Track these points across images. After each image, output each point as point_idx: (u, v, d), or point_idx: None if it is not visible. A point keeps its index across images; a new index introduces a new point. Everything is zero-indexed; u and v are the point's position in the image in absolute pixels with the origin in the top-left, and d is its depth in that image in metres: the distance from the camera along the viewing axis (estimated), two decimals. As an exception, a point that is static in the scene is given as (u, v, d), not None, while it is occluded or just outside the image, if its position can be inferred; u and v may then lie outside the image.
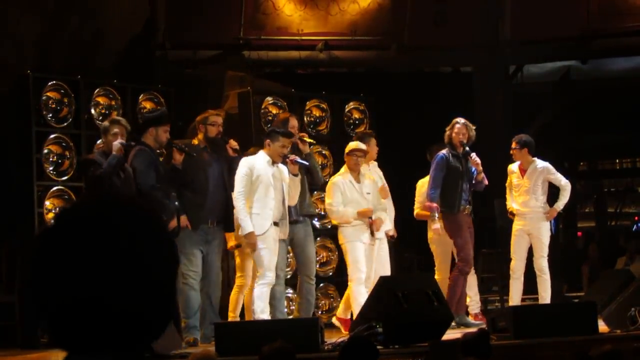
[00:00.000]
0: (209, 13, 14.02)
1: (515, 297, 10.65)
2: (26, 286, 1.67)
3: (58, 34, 11.71)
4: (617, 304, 8.94)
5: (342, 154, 11.04)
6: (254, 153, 9.32)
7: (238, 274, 10.05)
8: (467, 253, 10.30)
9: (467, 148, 10.34)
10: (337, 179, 9.99)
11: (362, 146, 9.97)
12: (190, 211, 9.22)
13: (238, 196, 8.97)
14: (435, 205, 10.21)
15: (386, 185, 10.43)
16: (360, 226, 9.79)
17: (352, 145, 10.02)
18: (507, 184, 10.83)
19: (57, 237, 1.64)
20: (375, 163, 10.65)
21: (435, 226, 10.23)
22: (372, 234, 9.82)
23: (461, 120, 10.40)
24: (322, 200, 11.82)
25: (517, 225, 10.78)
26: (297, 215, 9.60)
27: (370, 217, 9.78)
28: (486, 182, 10.51)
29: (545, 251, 10.64)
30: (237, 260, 10.09)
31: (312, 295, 9.67)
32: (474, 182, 10.42)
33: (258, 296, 8.90)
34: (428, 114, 13.93)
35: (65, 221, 1.66)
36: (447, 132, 10.41)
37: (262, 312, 8.86)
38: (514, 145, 10.69)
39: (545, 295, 10.57)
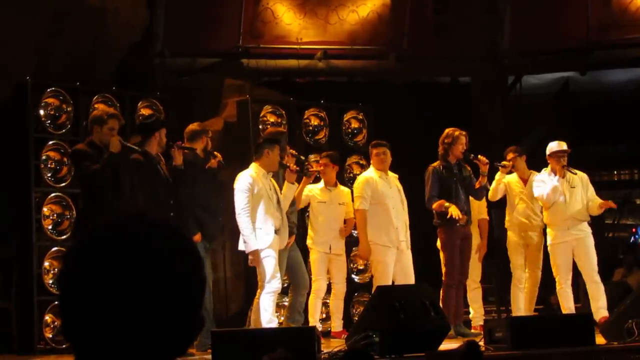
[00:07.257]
0: (208, 21, 14.01)
1: (520, 307, 10.72)
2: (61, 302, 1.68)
3: (57, 40, 11.70)
4: (615, 316, 8.94)
5: (340, 162, 11.02)
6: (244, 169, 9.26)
7: (313, 278, 10.05)
8: (452, 267, 10.17)
9: (472, 155, 10.24)
10: None
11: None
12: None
13: (242, 212, 8.88)
14: (441, 200, 10.02)
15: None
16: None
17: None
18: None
19: (89, 257, 1.65)
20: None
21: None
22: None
23: (463, 132, 10.28)
24: None
25: (514, 237, 10.80)
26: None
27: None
28: (488, 186, 10.47)
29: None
30: (312, 264, 10.17)
31: (302, 308, 9.63)
32: (476, 188, 10.30)
33: (264, 308, 8.84)
34: (426, 124, 13.92)
35: (99, 242, 1.68)
36: (445, 145, 10.23)
37: (269, 322, 8.81)
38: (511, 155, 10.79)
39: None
